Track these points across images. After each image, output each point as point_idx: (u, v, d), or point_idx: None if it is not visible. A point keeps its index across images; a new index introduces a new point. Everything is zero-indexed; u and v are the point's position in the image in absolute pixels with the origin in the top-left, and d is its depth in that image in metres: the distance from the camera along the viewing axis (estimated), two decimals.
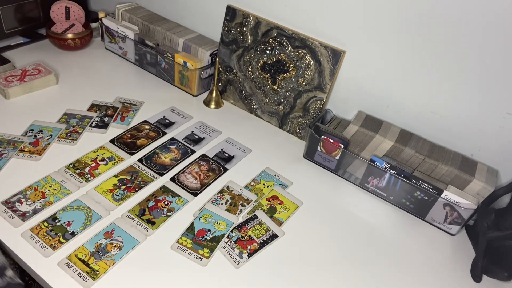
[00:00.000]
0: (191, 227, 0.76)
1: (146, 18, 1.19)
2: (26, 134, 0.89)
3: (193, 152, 0.94)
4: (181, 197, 0.82)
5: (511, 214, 0.76)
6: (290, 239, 0.78)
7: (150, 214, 0.77)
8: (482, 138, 0.86)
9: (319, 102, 0.98)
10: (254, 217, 0.80)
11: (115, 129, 0.96)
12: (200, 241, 0.74)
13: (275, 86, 1.03)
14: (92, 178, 0.82)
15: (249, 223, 0.79)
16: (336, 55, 0.92)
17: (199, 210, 0.80)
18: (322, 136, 0.91)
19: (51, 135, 0.90)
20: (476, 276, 0.77)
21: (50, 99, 1.02)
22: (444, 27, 0.80)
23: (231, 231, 0.77)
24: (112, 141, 0.92)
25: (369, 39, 0.89)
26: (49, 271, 0.64)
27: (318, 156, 0.95)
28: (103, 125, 0.96)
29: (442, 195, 0.81)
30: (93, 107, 1.01)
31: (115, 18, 1.21)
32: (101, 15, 1.21)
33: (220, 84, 1.13)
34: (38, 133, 0.90)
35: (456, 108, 0.86)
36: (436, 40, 0.82)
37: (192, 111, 1.07)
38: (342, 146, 0.89)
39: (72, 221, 0.72)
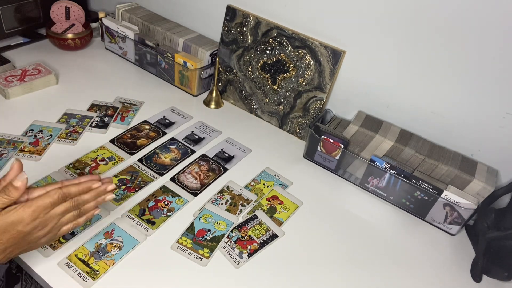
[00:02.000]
0: (191, 227, 0.76)
1: (146, 18, 1.19)
2: (26, 134, 0.89)
3: (193, 152, 0.94)
4: (181, 197, 0.82)
5: (511, 214, 0.76)
6: (290, 239, 0.78)
7: (150, 214, 0.77)
8: (482, 138, 0.86)
9: (319, 102, 0.98)
10: (254, 217, 0.80)
11: (115, 129, 0.96)
12: (200, 241, 0.74)
13: (275, 86, 1.03)
14: None
15: (249, 223, 0.79)
16: (336, 55, 0.92)
17: (199, 210, 0.80)
18: (322, 136, 0.91)
19: (51, 135, 0.90)
20: (476, 276, 0.77)
21: (50, 99, 1.02)
22: (444, 27, 0.80)
23: (231, 231, 0.77)
24: (112, 141, 0.92)
25: (369, 39, 0.89)
26: (49, 271, 0.64)
27: (318, 156, 0.95)
28: (103, 125, 0.96)
29: (442, 195, 0.81)
30: (93, 107, 1.01)
31: (115, 18, 1.21)
32: (101, 15, 1.21)
33: (220, 84, 1.13)
34: (38, 133, 0.90)
35: (456, 108, 0.86)
36: (436, 40, 0.82)
37: (192, 111, 1.07)
38: (342, 146, 0.89)
39: None
